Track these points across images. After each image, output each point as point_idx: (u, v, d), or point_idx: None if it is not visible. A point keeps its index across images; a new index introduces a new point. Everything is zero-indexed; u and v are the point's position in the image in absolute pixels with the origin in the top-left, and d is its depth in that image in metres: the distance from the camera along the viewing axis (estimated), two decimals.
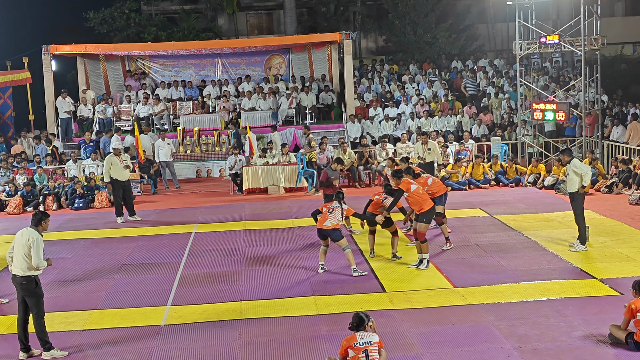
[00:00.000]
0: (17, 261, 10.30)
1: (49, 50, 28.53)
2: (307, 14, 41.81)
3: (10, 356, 10.55)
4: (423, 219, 14.04)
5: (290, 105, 29.06)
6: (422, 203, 14.03)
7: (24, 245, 10.27)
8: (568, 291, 12.36)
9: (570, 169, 14.96)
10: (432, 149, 20.60)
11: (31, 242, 10.26)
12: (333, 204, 13.85)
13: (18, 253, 10.29)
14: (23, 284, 10.28)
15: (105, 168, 19.63)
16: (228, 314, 11.91)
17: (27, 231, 10.44)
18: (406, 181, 14.15)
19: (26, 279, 10.27)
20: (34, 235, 10.33)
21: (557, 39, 23.41)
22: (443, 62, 35.11)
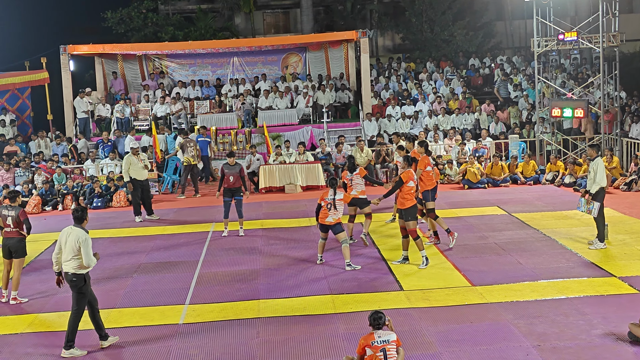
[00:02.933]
0: (67, 259, 10.45)
1: (67, 50, 28.72)
2: (323, 13, 41.80)
3: (30, 354, 10.61)
4: (409, 217, 14.04)
5: (307, 103, 29.07)
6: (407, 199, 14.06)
7: (73, 246, 10.39)
8: (587, 289, 12.28)
9: (592, 166, 14.82)
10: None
11: (80, 242, 10.38)
12: (329, 195, 14.08)
13: (68, 252, 10.42)
14: (73, 281, 10.44)
15: (125, 168, 19.73)
16: (246, 312, 11.93)
17: (73, 230, 10.53)
18: (410, 172, 14.14)
19: (76, 277, 10.44)
20: (82, 235, 10.45)
21: (575, 35, 23.27)
22: (460, 59, 34.99)
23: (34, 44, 35.46)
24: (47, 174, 23.52)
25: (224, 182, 17.26)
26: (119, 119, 28.12)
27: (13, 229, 13.15)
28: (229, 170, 17.26)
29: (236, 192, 17.32)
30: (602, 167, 14.76)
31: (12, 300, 13.17)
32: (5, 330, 11.67)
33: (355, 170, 15.77)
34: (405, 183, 13.97)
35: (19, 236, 13.18)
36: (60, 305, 12.73)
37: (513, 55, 35.38)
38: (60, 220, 20.23)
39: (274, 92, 29.46)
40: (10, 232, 13.20)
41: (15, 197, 13.46)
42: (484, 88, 32.70)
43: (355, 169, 15.78)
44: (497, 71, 32.58)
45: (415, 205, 14.27)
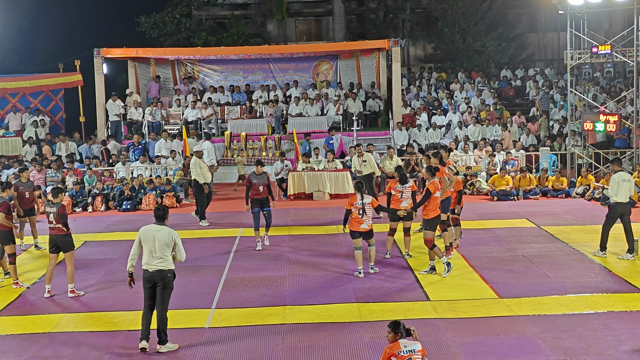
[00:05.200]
0: (158, 259, 10.63)
1: (101, 53, 28.98)
2: (355, 21, 41.87)
3: (57, 354, 10.69)
4: (427, 227, 14.14)
5: (337, 111, 29.10)
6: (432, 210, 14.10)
7: (167, 243, 10.64)
8: (616, 304, 12.16)
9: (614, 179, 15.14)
10: (367, 160, 20.53)
11: (175, 239, 10.72)
12: (357, 200, 13.93)
13: (160, 250, 10.62)
14: (168, 277, 10.64)
15: (196, 170, 19.67)
16: (271, 318, 11.95)
17: (161, 228, 10.78)
18: (436, 183, 14.15)
19: (170, 272, 10.68)
20: (174, 232, 10.80)
21: (609, 49, 23.04)
22: (492, 70, 34.85)
23: (69, 47, 35.81)
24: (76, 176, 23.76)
25: (251, 192, 16.49)
26: (150, 123, 28.33)
27: (55, 224, 13.38)
28: (257, 179, 16.52)
29: (265, 202, 16.58)
30: (615, 181, 15.10)
31: (70, 293, 13.45)
32: (33, 329, 11.78)
33: (407, 182, 15.21)
34: (433, 194, 13.99)
35: (62, 232, 13.41)
36: (88, 306, 12.86)
37: (546, 67, 35.14)
38: (90, 222, 20.43)
39: (304, 99, 29.52)
40: (53, 229, 13.45)
41: (57, 194, 13.70)
42: (516, 100, 32.52)
43: (408, 182, 15.24)
44: (529, 83, 32.40)
45: (439, 217, 14.33)
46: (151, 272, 10.62)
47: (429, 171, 14.46)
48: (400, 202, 15.07)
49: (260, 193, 16.44)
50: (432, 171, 14.45)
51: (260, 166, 16.81)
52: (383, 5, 39.61)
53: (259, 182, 16.46)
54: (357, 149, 20.76)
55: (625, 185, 15.17)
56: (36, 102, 30.27)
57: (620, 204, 15.18)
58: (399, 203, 15.08)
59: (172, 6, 37.29)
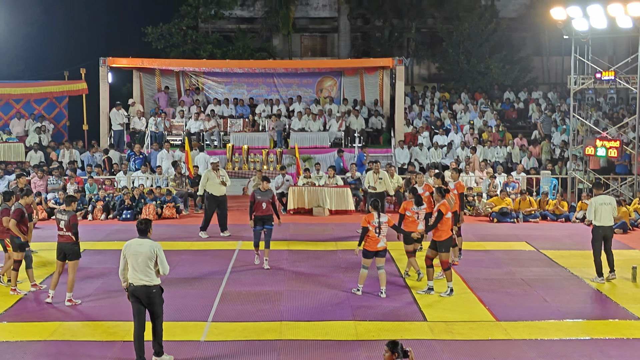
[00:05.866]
0: (142, 272, 10.45)
1: (107, 62, 29.10)
2: (361, 39, 42.07)
3: None
4: (442, 249, 14.14)
5: (340, 127, 29.16)
6: (444, 231, 14.12)
7: (148, 256, 10.45)
8: (613, 331, 12.14)
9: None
10: (383, 178, 20.22)
11: (156, 251, 10.51)
12: (374, 218, 13.74)
13: (142, 264, 10.44)
14: (152, 293, 10.48)
15: (202, 181, 19.94)
16: (268, 333, 11.93)
17: (143, 242, 10.60)
18: (447, 204, 14.19)
19: (155, 287, 10.53)
20: (156, 245, 10.59)
21: (613, 75, 23.15)
22: (495, 92, 34.95)
23: (74, 55, 35.95)
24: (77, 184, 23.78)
25: (255, 209, 16.07)
26: (153, 133, 28.38)
27: (65, 232, 13.41)
28: (262, 196, 16.07)
29: (267, 220, 16.16)
30: (592, 205, 15.40)
31: (67, 302, 13.45)
32: (29, 336, 11.77)
33: (423, 204, 14.99)
34: (444, 215, 14.00)
35: (71, 241, 13.45)
36: (85, 315, 12.85)
37: (549, 91, 35.25)
38: (89, 230, 20.40)
39: (307, 114, 29.60)
40: (63, 236, 13.49)
41: (70, 202, 13.75)
42: (518, 122, 32.59)
43: (423, 204, 15.01)
44: (532, 106, 32.50)
45: (451, 238, 14.33)
46: (136, 287, 10.47)
47: (439, 192, 14.41)
48: (417, 224, 14.86)
49: (263, 210, 16.04)
50: (442, 192, 14.43)
51: (266, 182, 16.37)
52: (388, 24, 39.78)
53: (263, 199, 16.05)
54: (375, 165, 20.65)
55: (605, 209, 15.36)
56: (40, 109, 30.35)
57: (600, 227, 15.39)
58: (415, 225, 14.87)
59: (179, 18, 37.45)
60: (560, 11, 23.30)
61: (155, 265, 10.51)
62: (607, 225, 15.45)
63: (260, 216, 16.05)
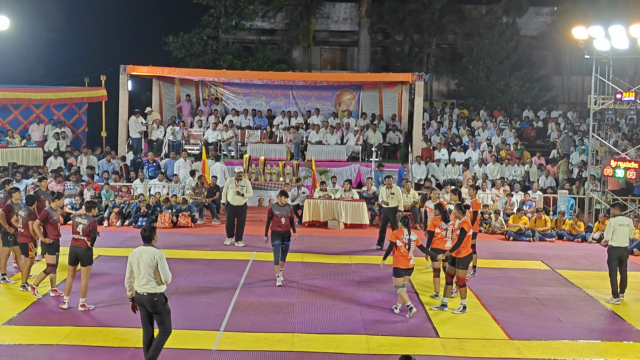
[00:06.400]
0: (144, 280, 10.41)
1: (127, 70, 29.24)
2: (380, 53, 42.07)
3: None
4: (460, 266, 14.09)
5: (357, 141, 29.16)
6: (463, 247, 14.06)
7: (149, 264, 10.39)
8: (627, 353, 12.04)
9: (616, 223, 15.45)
10: (395, 193, 19.97)
11: (157, 259, 10.41)
12: (404, 235, 13.61)
13: (144, 272, 10.40)
14: (154, 301, 10.40)
15: (224, 190, 20.43)
16: (279, 345, 11.90)
17: (145, 250, 10.56)
18: (468, 222, 14.13)
19: (157, 296, 10.42)
20: (157, 253, 10.49)
21: (634, 96, 23.01)
22: (514, 110, 34.84)
23: (95, 62, 36.21)
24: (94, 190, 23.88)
25: (272, 224, 15.68)
26: (170, 142, 28.48)
27: (82, 236, 13.47)
28: (280, 211, 15.69)
29: (286, 236, 15.76)
30: (611, 225, 15.42)
31: (80, 307, 13.48)
32: (42, 340, 11.81)
33: (450, 220, 14.62)
34: (467, 232, 13.93)
35: (85, 246, 13.51)
36: (97, 321, 12.88)
37: (568, 110, 35.09)
38: (104, 237, 20.39)
39: (324, 127, 29.61)
40: (78, 240, 13.54)
41: (91, 208, 13.84)
42: (537, 141, 32.45)
43: (450, 220, 14.62)
44: (551, 125, 32.36)
45: (470, 255, 14.28)
46: (140, 295, 10.44)
47: (460, 209, 14.35)
48: (445, 242, 14.61)
49: (282, 225, 15.64)
50: (462, 209, 14.37)
51: (284, 197, 15.97)
52: (409, 39, 39.77)
53: (281, 214, 15.66)
54: (387, 180, 20.58)
55: (623, 230, 15.41)
56: (60, 115, 30.53)
57: (616, 248, 15.41)
58: (443, 242, 14.62)
59: (200, 28, 37.61)
60: (582, 31, 23.22)
61: (157, 274, 10.42)
62: (623, 246, 15.45)
63: (279, 232, 15.66)
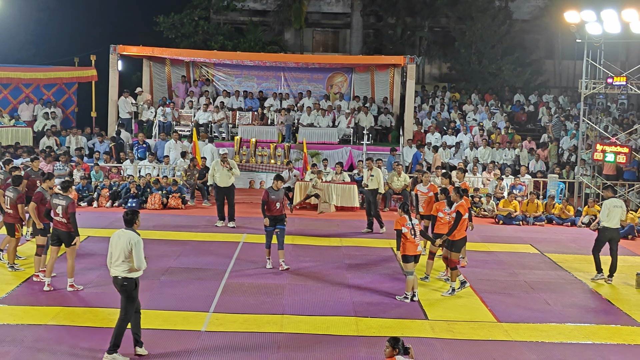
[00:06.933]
0: (118, 263, 10.35)
1: (117, 50, 29.06)
2: (373, 35, 41.94)
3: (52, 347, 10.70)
4: (453, 248, 14.13)
5: (349, 124, 29.12)
6: (457, 231, 14.08)
7: (124, 248, 10.31)
8: (614, 337, 12.11)
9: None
10: (375, 175, 19.84)
11: (132, 244, 10.29)
12: (407, 221, 13.43)
13: (118, 255, 10.33)
14: (123, 285, 10.34)
15: (210, 172, 20.42)
16: (269, 326, 11.92)
17: (124, 233, 10.45)
18: (464, 205, 14.13)
19: (127, 280, 10.35)
20: (134, 238, 10.37)
21: (625, 80, 23.02)
22: (506, 94, 34.84)
23: (85, 41, 35.97)
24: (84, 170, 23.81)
25: (267, 209, 15.47)
26: (161, 123, 28.38)
27: (62, 218, 13.29)
28: (276, 195, 15.46)
29: (280, 220, 15.54)
30: (606, 206, 15.62)
31: (69, 287, 13.42)
32: (31, 320, 11.80)
33: (453, 206, 14.44)
34: (463, 215, 13.95)
35: (67, 230, 13.32)
36: (86, 301, 12.87)
37: (560, 94, 35.10)
38: (94, 217, 20.45)
39: (316, 109, 29.56)
40: (59, 223, 13.36)
41: (67, 187, 13.63)
42: (528, 125, 32.48)
43: (454, 204, 14.42)
44: (542, 109, 32.38)
45: (464, 239, 14.29)
46: (114, 277, 10.41)
47: (458, 192, 14.30)
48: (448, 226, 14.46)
49: (276, 210, 15.45)
50: (460, 193, 14.35)
51: (280, 181, 15.65)
52: (401, 21, 39.65)
53: (277, 198, 15.44)
54: (368, 162, 20.57)
55: (617, 212, 15.62)
56: (49, 94, 30.39)
57: (608, 229, 15.66)
58: (446, 227, 14.47)
59: (191, 8, 37.39)
60: (574, 15, 23.17)
61: (132, 259, 10.30)
62: (615, 227, 15.65)
63: (274, 216, 15.48)
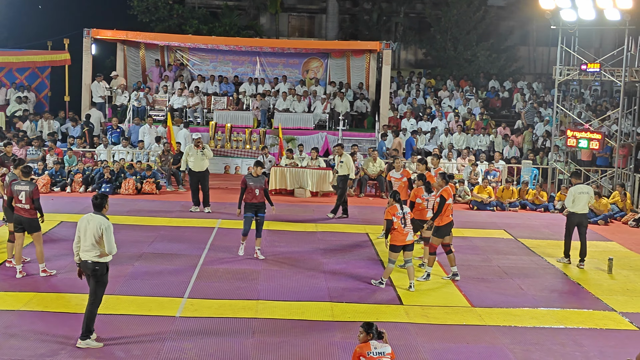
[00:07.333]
0: (88, 248, 10.23)
1: (91, 33, 28.78)
2: (349, 21, 41.85)
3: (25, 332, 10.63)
4: (435, 233, 14.21)
5: (325, 109, 29.08)
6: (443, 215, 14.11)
7: (94, 233, 10.18)
8: (586, 321, 12.23)
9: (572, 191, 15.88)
10: (344, 161, 19.87)
11: (102, 229, 10.18)
12: (398, 210, 13.30)
13: (88, 240, 10.20)
14: (95, 270, 10.24)
15: (184, 157, 20.36)
16: (243, 311, 11.92)
17: (93, 218, 10.30)
18: (449, 190, 14.16)
19: (98, 265, 10.26)
20: (104, 222, 10.24)
21: (598, 67, 23.19)
22: (481, 80, 34.95)
23: (58, 25, 35.51)
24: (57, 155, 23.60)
25: (246, 196, 15.08)
26: (135, 107, 28.18)
27: (24, 205, 13.08)
28: (255, 182, 15.09)
29: (260, 208, 15.17)
30: (571, 193, 15.78)
31: (41, 272, 13.27)
32: (3, 306, 11.70)
33: (432, 191, 14.67)
34: (447, 200, 13.98)
35: (30, 216, 13.13)
36: (60, 287, 12.78)
37: (534, 81, 35.29)
38: (67, 202, 20.30)
39: (292, 94, 29.49)
40: (21, 209, 13.13)
41: (29, 172, 13.45)
42: (502, 111, 32.63)
43: (432, 190, 14.65)
44: (516, 95, 32.53)
45: (449, 224, 14.30)
46: (84, 262, 10.29)
47: (443, 178, 14.34)
48: (427, 212, 14.64)
49: (256, 197, 15.06)
50: (446, 178, 14.39)
51: (259, 167, 15.32)
52: (377, 7, 39.64)
53: (256, 185, 15.06)
54: (337, 148, 20.51)
55: (583, 197, 15.80)
56: (22, 78, 30.02)
57: (575, 214, 15.84)
58: (425, 213, 14.66)
59: None
60: (549, 1, 23.23)
61: (102, 243, 10.20)
62: (582, 212, 15.85)
63: (253, 203, 15.12)
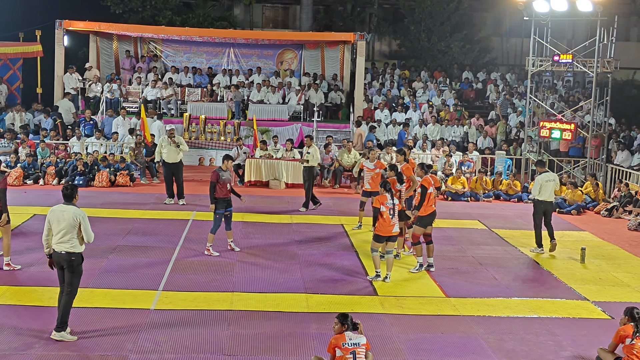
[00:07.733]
0: (64, 239, 10.11)
1: (63, 25, 28.53)
2: (323, 12, 41.74)
3: None
4: (418, 222, 14.28)
5: (299, 101, 29.05)
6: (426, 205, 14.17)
7: (71, 224, 10.09)
8: (559, 310, 12.35)
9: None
10: (311, 152, 19.87)
11: (80, 219, 10.13)
12: (388, 200, 13.28)
13: (64, 231, 10.10)
14: (71, 260, 10.14)
15: (157, 149, 20.34)
16: (218, 304, 11.90)
17: (66, 208, 10.22)
18: (429, 179, 14.20)
19: (74, 255, 10.17)
20: (79, 212, 10.20)
21: (571, 58, 23.37)
22: (455, 71, 35.07)
23: (30, 16, 35.10)
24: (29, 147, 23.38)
25: (218, 191, 14.75)
26: (108, 99, 27.97)
27: None
28: (226, 176, 14.95)
29: (230, 202, 14.96)
30: (538, 182, 16.09)
31: (5, 266, 13.10)
32: None
33: (403, 182, 14.75)
34: (428, 189, 14.02)
35: None
36: (33, 280, 12.69)
37: (507, 72, 35.46)
38: (40, 195, 20.13)
39: (266, 86, 29.42)
40: None
41: None
42: (476, 102, 32.77)
43: (403, 181, 14.75)
44: (490, 86, 32.67)
45: (431, 214, 14.36)
46: (58, 253, 10.18)
47: (422, 168, 14.38)
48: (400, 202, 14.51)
49: (227, 192, 14.83)
50: (425, 169, 14.42)
51: (230, 161, 15.15)
52: None
53: (227, 179, 14.87)
54: (306, 139, 20.45)
55: (549, 185, 16.09)
56: None
57: (542, 201, 16.12)
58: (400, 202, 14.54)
59: None
60: None
61: (79, 233, 10.16)
62: (548, 200, 16.13)
63: (224, 198, 14.80)
